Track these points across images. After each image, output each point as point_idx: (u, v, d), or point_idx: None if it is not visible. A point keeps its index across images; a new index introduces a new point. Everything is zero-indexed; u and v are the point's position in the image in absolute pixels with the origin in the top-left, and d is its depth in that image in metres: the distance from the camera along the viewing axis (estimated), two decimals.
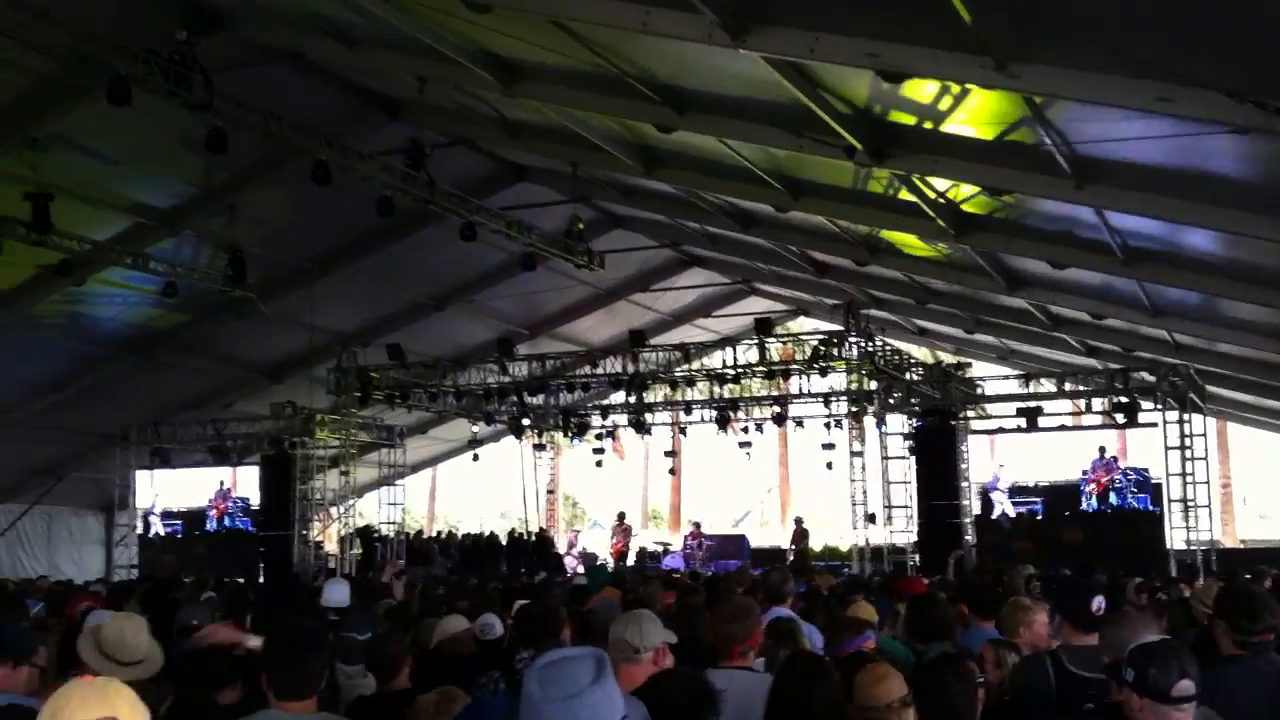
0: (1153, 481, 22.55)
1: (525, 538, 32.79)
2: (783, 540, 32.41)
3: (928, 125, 12.42)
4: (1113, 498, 22.83)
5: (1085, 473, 23.25)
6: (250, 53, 15.48)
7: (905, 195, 14.89)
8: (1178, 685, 3.86)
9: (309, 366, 25.85)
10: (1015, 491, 23.79)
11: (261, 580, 23.63)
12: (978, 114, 11.84)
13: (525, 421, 30.28)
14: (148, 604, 11.84)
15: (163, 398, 26.88)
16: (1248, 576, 14.79)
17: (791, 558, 26.89)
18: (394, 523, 30.85)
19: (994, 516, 23.88)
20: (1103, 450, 23.25)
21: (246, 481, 28.58)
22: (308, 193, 16.25)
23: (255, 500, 27.92)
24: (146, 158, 18.07)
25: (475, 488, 53.42)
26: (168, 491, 29.00)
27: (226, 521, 28.79)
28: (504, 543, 32.77)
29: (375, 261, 22.58)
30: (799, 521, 30.26)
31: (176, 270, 19.92)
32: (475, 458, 33.86)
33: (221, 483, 28.87)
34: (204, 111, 13.49)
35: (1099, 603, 5.69)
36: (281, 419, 26.85)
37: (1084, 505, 23.11)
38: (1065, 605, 5.93)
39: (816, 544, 33.29)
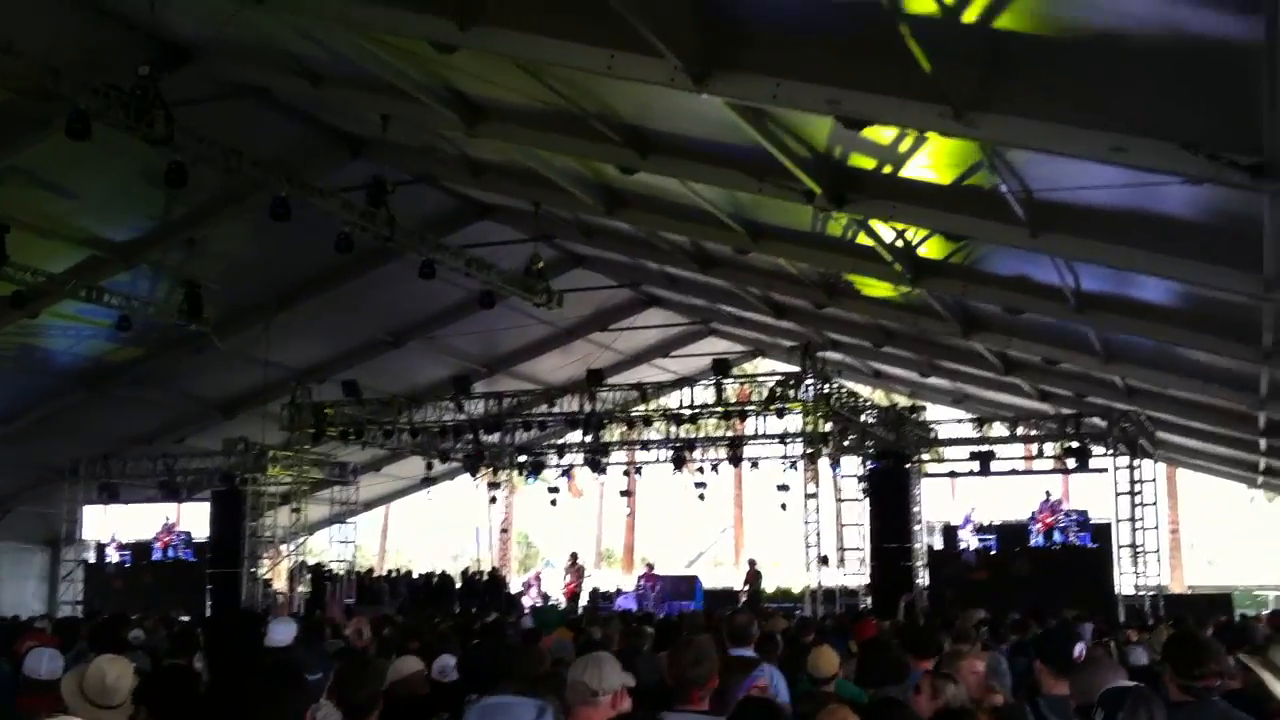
0: (1093, 522, 23.89)
1: (478, 577, 32.59)
2: (736, 581, 32.38)
3: (887, 169, 12.55)
4: (1056, 535, 24.16)
5: (1033, 514, 24.41)
6: (214, 87, 15.44)
7: (863, 239, 15.03)
8: None
9: (263, 402, 25.66)
10: (977, 530, 24.87)
11: (208, 615, 23.32)
12: (937, 156, 11.99)
13: (480, 459, 30.15)
14: (95, 642, 11.71)
15: (114, 432, 26.63)
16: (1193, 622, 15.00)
17: (744, 599, 26.89)
18: (345, 560, 30.62)
19: (959, 550, 24.81)
20: (1048, 494, 24.51)
21: (195, 518, 28.36)
22: (267, 228, 16.20)
23: (204, 536, 27.71)
24: (106, 191, 17.98)
25: (428, 526, 53.17)
26: (117, 526, 28.77)
27: (170, 554, 28.61)
28: (456, 582, 32.55)
29: (333, 298, 22.52)
30: (752, 563, 30.29)
31: (132, 304, 19.76)
32: (429, 496, 33.65)
33: (166, 517, 28.66)
34: (164, 146, 13.43)
35: (1080, 649, 5.76)
36: (234, 454, 26.65)
37: (1032, 542, 24.42)
38: (1048, 651, 5.98)
39: (770, 585, 33.33)
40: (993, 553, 24.65)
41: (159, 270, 20.28)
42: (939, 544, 24.96)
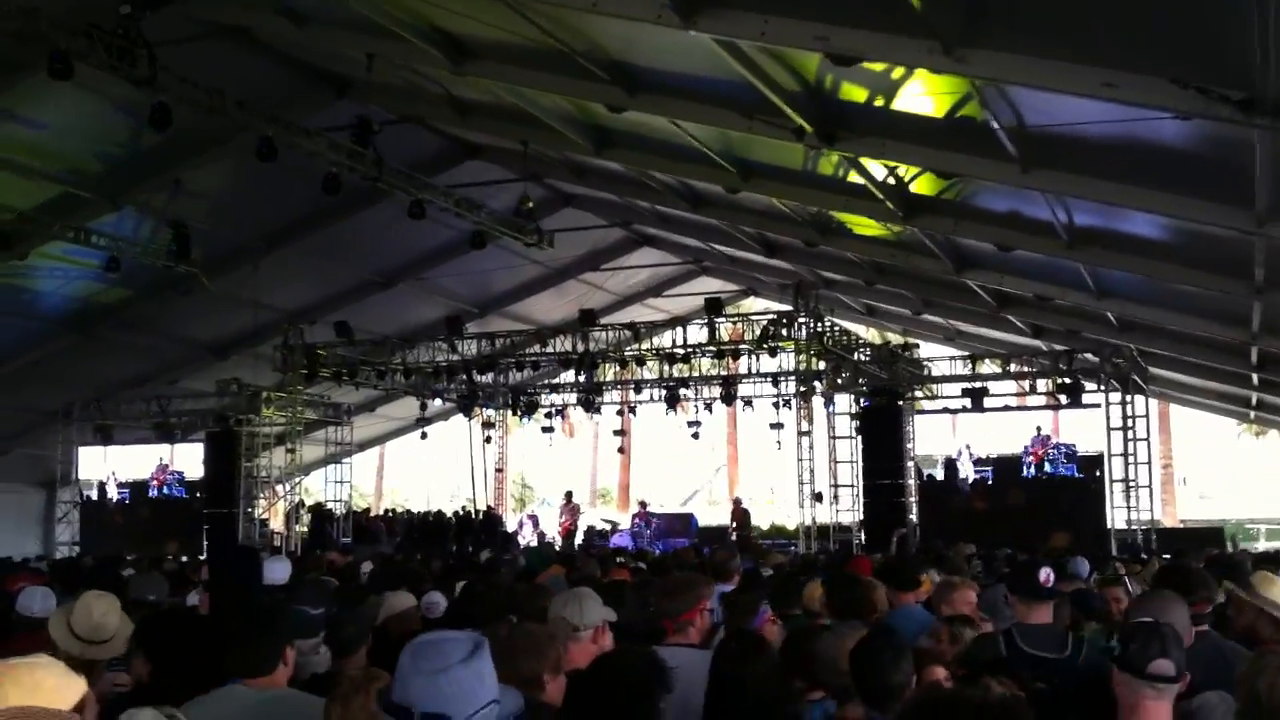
0: (1080, 454, 24.22)
1: (473, 516, 32.75)
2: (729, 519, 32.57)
3: (878, 101, 12.45)
4: (1047, 467, 24.45)
5: (1026, 448, 24.62)
6: (196, 28, 15.26)
7: (854, 177, 14.96)
8: (1154, 663, 3.91)
9: (255, 344, 25.61)
10: (973, 462, 25.15)
11: (205, 556, 23.42)
12: (928, 87, 11.89)
13: (474, 400, 30.17)
14: (94, 582, 11.75)
15: (106, 374, 26.61)
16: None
17: (734, 536, 27.05)
18: (341, 500, 30.76)
19: (957, 481, 25.09)
20: (1039, 429, 24.71)
21: (189, 459, 28.49)
22: (254, 168, 16.11)
23: (199, 477, 27.88)
24: (89, 131, 17.80)
25: (423, 466, 53.38)
26: (112, 467, 28.95)
27: (166, 491, 28.84)
28: (451, 521, 32.72)
29: (323, 238, 22.41)
30: (737, 502, 30.46)
31: (119, 245, 19.66)
32: (423, 436, 33.74)
33: (161, 458, 28.79)
34: (148, 87, 13.30)
35: (1046, 573, 5.81)
36: (227, 396, 26.68)
37: (1025, 473, 24.68)
38: (1015, 582, 6.04)
39: (764, 522, 33.56)
40: (989, 483, 24.86)
41: (145, 211, 20.14)
42: (940, 476, 25.16)
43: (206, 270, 20.77)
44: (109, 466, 29.07)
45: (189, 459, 28.61)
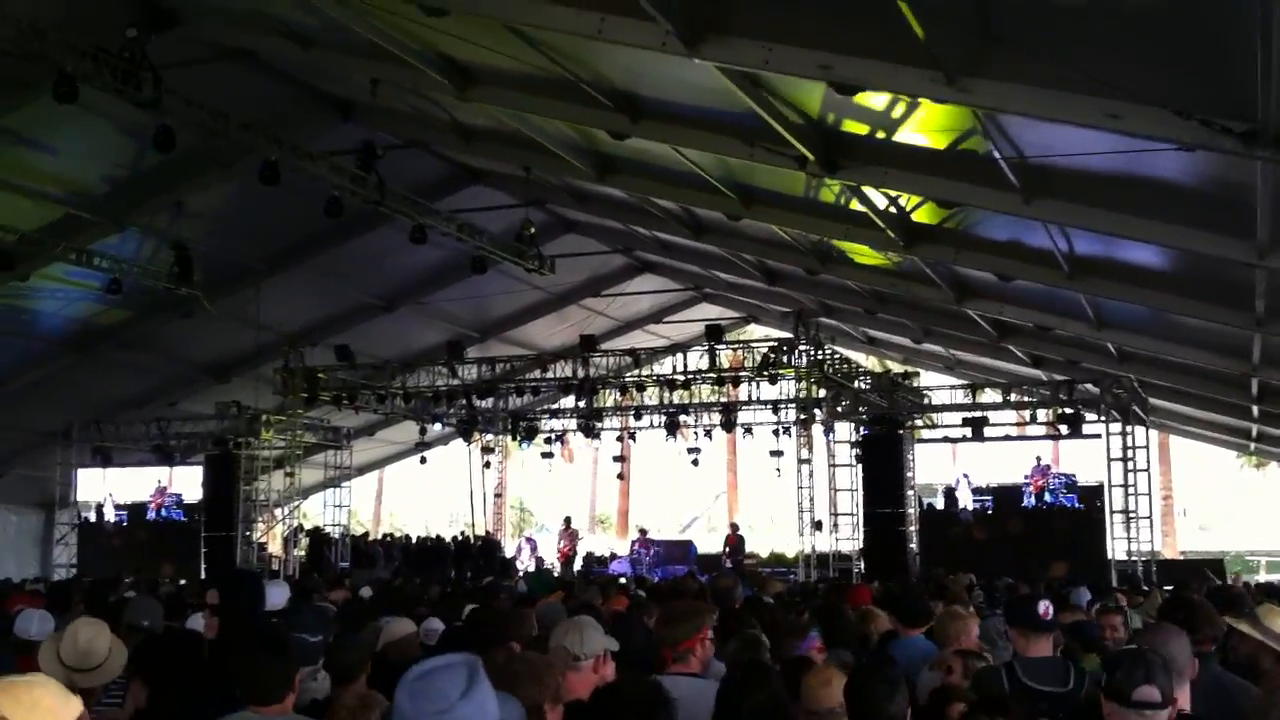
0: (1079, 484, 24.33)
1: (472, 542, 32.66)
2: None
3: (880, 135, 12.50)
4: (1047, 497, 24.55)
5: (1026, 477, 24.70)
6: (202, 50, 15.33)
7: (856, 205, 14.98)
8: (1139, 690, 3.91)
9: (255, 366, 25.62)
10: (972, 491, 25.21)
11: (205, 579, 23.35)
12: (929, 123, 11.93)
13: (474, 425, 30.15)
14: (90, 605, 11.70)
15: (105, 395, 26.60)
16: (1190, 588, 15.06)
17: (728, 563, 26.96)
18: (339, 525, 30.70)
19: (956, 510, 25.16)
20: (1039, 459, 24.81)
21: (188, 482, 28.43)
22: (256, 191, 16.14)
23: (197, 499, 27.83)
24: (93, 153, 17.86)
25: (422, 491, 53.25)
26: (111, 489, 28.90)
27: (164, 514, 28.82)
28: (450, 546, 32.63)
29: (324, 261, 22.45)
30: (734, 528, 30.38)
31: (121, 266, 19.68)
32: (423, 460, 33.71)
33: (159, 480, 28.75)
34: (152, 109, 13.35)
35: (1045, 606, 5.78)
36: (226, 419, 26.66)
37: (1024, 503, 24.80)
38: (1014, 613, 6.00)
39: (763, 550, 33.46)
40: (989, 512, 24.89)
41: (147, 233, 20.17)
42: (940, 504, 25.14)
43: (208, 292, 20.80)
44: (107, 488, 29.01)
45: (188, 481, 28.55)
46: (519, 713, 2.94)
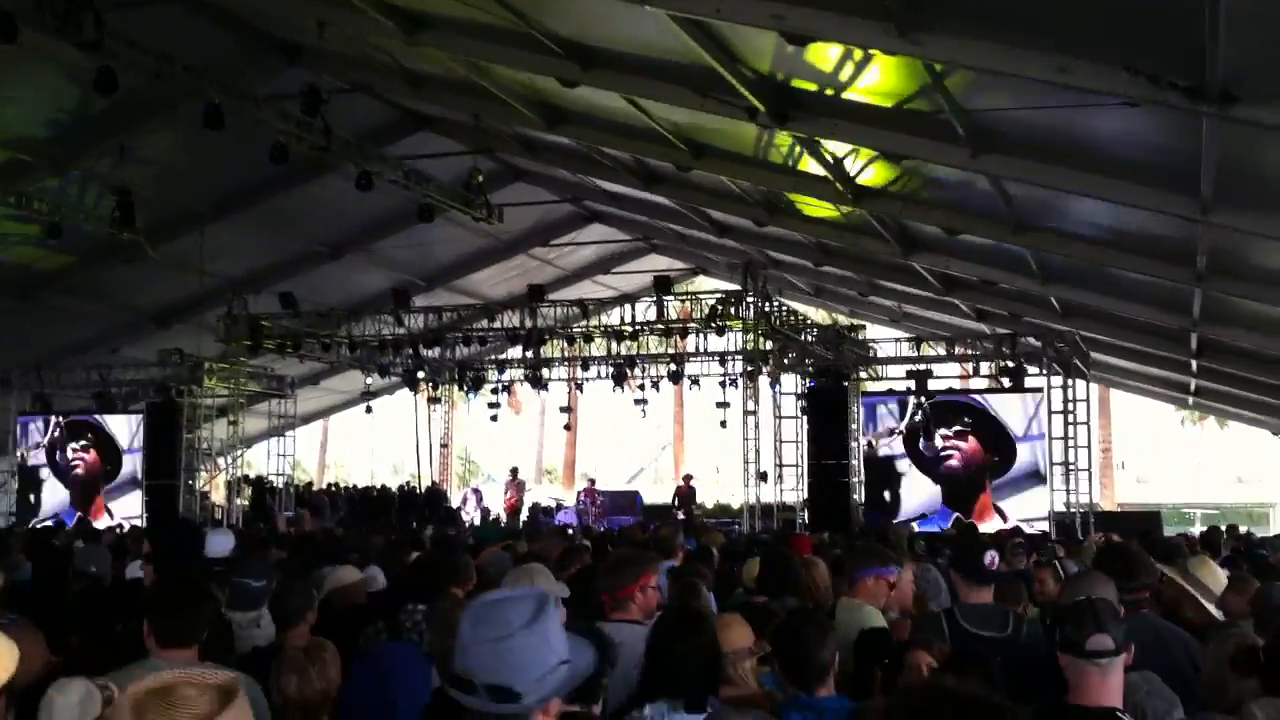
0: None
1: (417, 492, 32.62)
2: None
3: (829, 92, 12.50)
4: None
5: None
6: None
7: (806, 165, 15.01)
8: (1091, 639, 3.96)
9: (198, 313, 25.31)
10: None
11: (144, 526, 23.18)
12: (878, 84, 11.97)
13: (420, 374, 30.02)
14: (31, 552, 11.62)
15: (47, 342, 26.19)
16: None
17: (680, 515, 27.12)
18: (283, 474, 30.53)
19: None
20: None
21: (131, 429, 28.07)
22: (201, 135, 15.88)
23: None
24: (33, 95, 17.48)
25: (367, 440, 53.05)
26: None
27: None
28: (395, 496, 32.57)
29: (270, 208, 22.17)
30: (686, 479, 30.53)
31: (62, 211, 19.34)
32: (368, 410, 33.53)
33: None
34: (94, 51, 13.08)
35: (991, 556, 5.86)
36: (169, 366, 26.34)
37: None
38: (960, 562, 6.08)
39: (709, 501, 33.67)
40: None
41: (89, 177, 19.82)
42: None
43: (151, 237, 20.51)
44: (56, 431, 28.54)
45: (130, 430, 28.20)
46: (588, 658, 2.84)
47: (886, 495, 24.09)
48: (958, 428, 23.66)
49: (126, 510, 26.53)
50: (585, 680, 3.59)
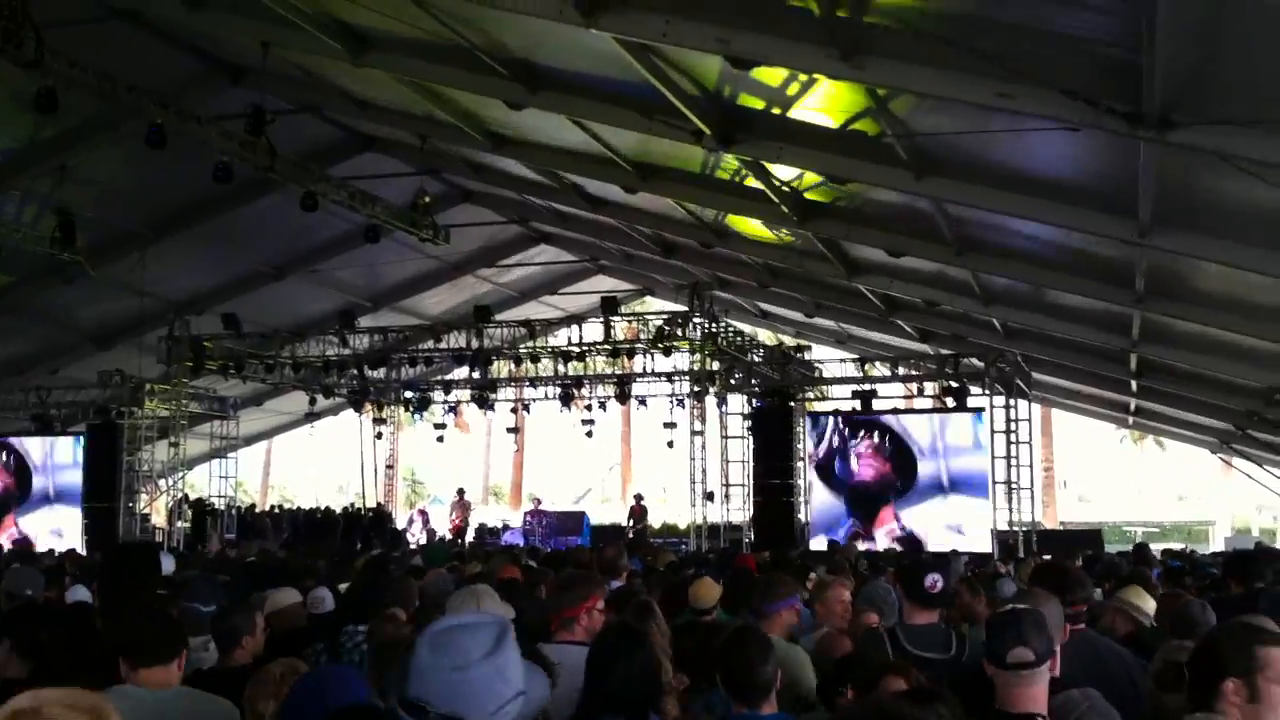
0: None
1: (362, 513, 32.35)
2: (623, 517, 32.64)
3: (776, 110, 12.60)
4: None
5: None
6: (87, 10, 14.87)
7: (751, 181, 15.09)
8: (1012, 652, 4.01)
9: (139, 334, 24.99)
10: None
11: (85, 551, 22.82)
12: (825, 102, 12.07)
13: (365, 395, 29.82)
14: None
15: None
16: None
17: (631, 535, 27.12)
18: (225, 496, 30.19)
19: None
20: None
21: (68, 451, 27.68)
22: (143, 155, 15.75)
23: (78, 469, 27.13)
24: None
25: (311, 462, 52.61)
26: None
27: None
28: (340, 518, 32.29)
29: (212, 228, 21.95)
30: (638, 499, 30.52)
31: (0, 230, 19.07)
32: (312, 431, 33.22)
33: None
34: (34, 70, 12.94)
35: (933, 579, 5.87)
36: (109, 387, 26.01)
37: None
38: (903, 582, 6.11)
39: (656, 521, 33.66)
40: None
41: (28, 196, 19.56)
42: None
43: (91, 257, 20.25)
44: None
45: (69, 452, 27.81)
46: (544, 688, 2.79)
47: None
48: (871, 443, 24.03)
49: (59, 531, 26.15)
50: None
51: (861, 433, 24.19)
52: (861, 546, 21.27)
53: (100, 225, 20.40)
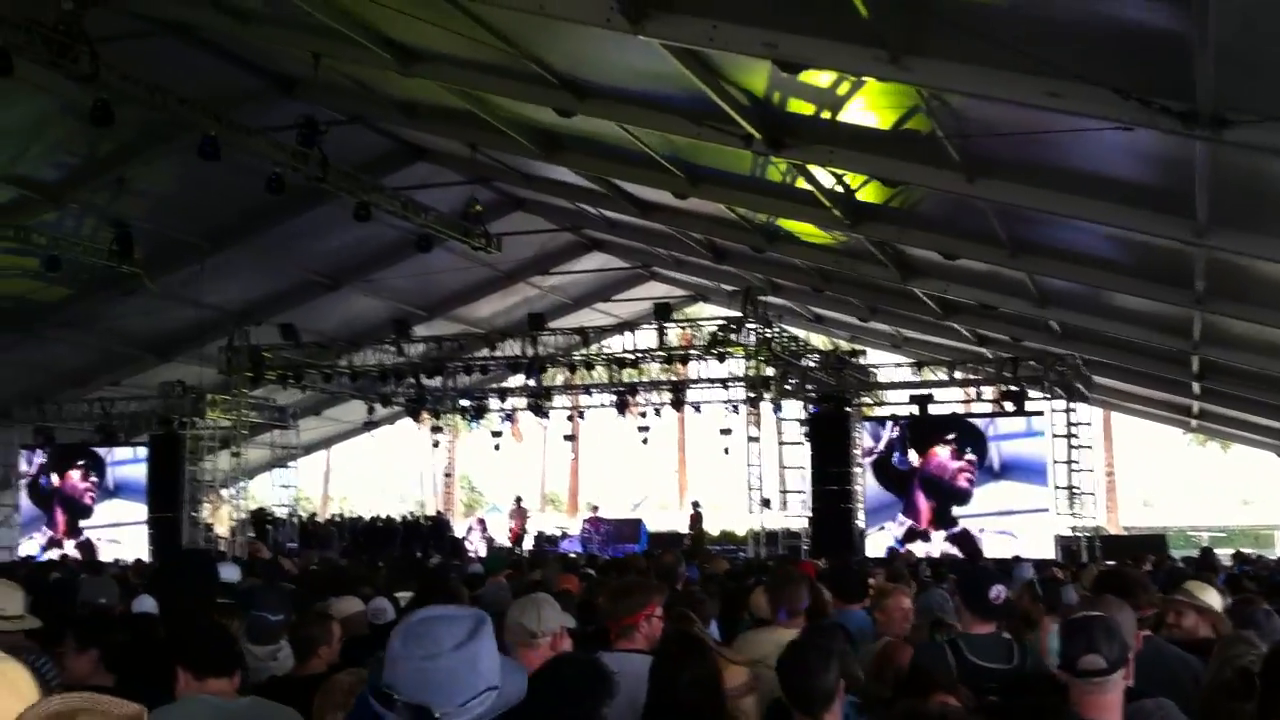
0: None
1: (421, 521, 32.54)
2: (680, 524, 32.58)
3: (825, 115, 12.52)
4: None
5: None
6: (140, 25, 15.08)
7: (801, 184, 15.02)
8: (1083, 659, 3.95)
9: (199, 345, 25.30)
10: None
11: (149, 560, 23.11)
12: (875, 101, 11.97)
13: (422, 404, 30.00)
14: (31, 587, 11.56)
15: (47, 374, 26.18)
16: (1129, 562, 15.31)
17: (688, 542, 27.05)
18: (286, 505, 30.47)
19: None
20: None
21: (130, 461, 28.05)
22: (198, 167, 15.93)
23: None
24: (31, 129, 17.53)
25: (370, 470, 53.02)
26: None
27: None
28: (399, 526, 32.50)
29: (268, 238, 22.19)
30: (695, 505, 30.44)
31: (60, 244, 19.37)
32: (371, 439, 33.43)
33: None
34: (89, 84, 13.14)
35: (997, 591, 5.75)
36: (170, 398, 26.34)
37: None
38: (965, 592, 5.99)
39: (713, 528, 33.57)
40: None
41: (87, 209, 19.86)
42: None
43: (149, 269, 20.53)
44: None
45: (132, 463, 28.17)
46: (520, 686, 2.78)
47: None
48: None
49: (129, 542, 26.47)
50: (588, 711, 3.55)
51: (933, 433, 24.01)
52: (919, 552, 21.11)
53: (158, 237, 20.67)
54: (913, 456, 23.79)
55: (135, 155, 18.23)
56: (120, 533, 27.11)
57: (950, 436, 23.65)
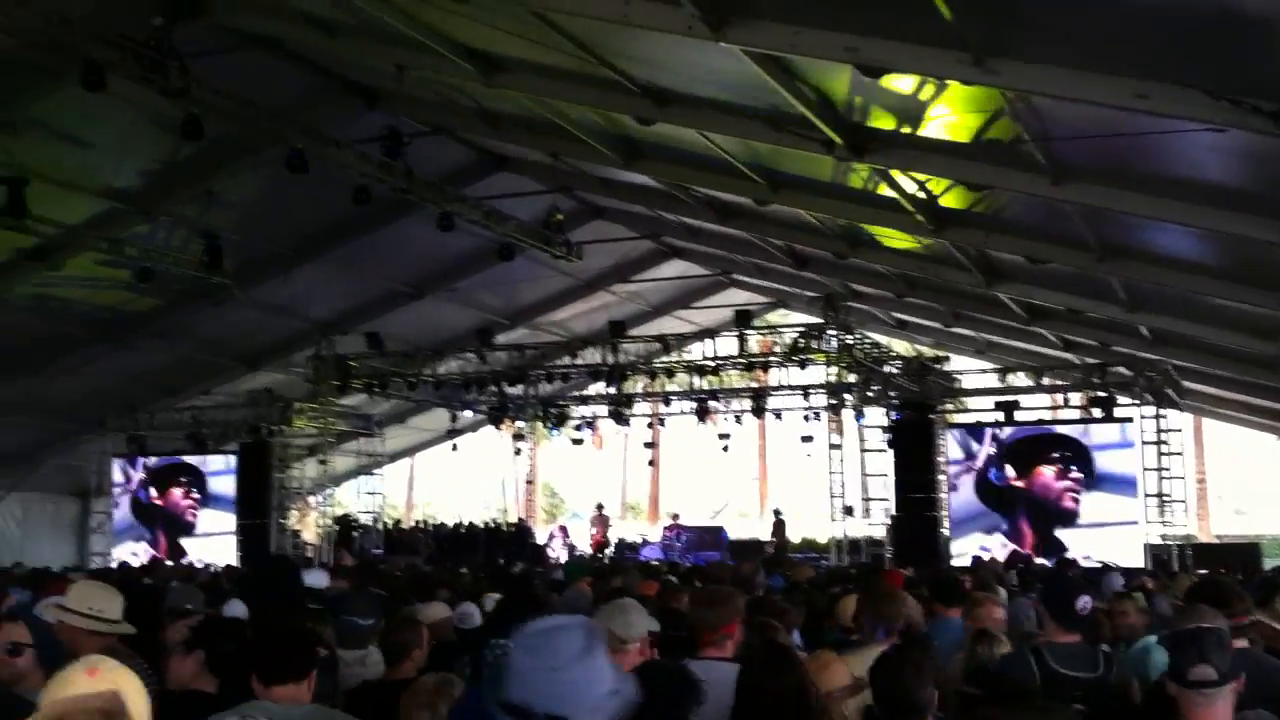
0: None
1: (504, 528, 32.77)
2: (761, 532, 32.49)
3: (908, 120, 12.43)
4: None
5: None
6: (227, 39, 15.37)
7: (884, 189, 14.91)
8: (1194, 670, 3.92)
9: (286, 354, 25.74)
10: None
11: (238, 565, 23.53)
12: (957, 105, 11.86)
13: (504, 411, 30.23)
14: (123, 591, 11.81)
15: (138, 384, 26.73)
16: (1221, 570, 14.99)
17: (771, 550, 26.97)
18: (372, 512, 30.87)
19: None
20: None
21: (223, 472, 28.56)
22: (285, 179, 16.17)
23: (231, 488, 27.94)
24: (122, 142, 17.93)
25: (453, 477, 53.46)
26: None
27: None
28: (482, 533, 32.76)
29: (353, 249, 22.47)
30: (777, 513, 30.34)
31: (151, 255, 19.79)
32: (454, 447, 33.81)
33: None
34: (180, 99, 13.41)
35: (1084, 602, 5.67)
36: (259, 407, 26.80)
37: None
38: (1050, 602, 5.91)
39: (795, 536, 33.45)
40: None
41: (176, 221, 20.26)
42: None
43: (238, 280, 20.89)
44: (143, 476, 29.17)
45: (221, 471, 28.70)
46: (632, 687, 2.85)
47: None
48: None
49: (218, 550, 26.94)
50: (675, 718, 3.56)
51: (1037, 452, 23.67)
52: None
53: (245, 248, 21.02)
54: (1009, 471, 23.48)
55: (222, 168, 18.56)
56: (212, 540, 27.61)
57: (1055, 455, 23.30)
